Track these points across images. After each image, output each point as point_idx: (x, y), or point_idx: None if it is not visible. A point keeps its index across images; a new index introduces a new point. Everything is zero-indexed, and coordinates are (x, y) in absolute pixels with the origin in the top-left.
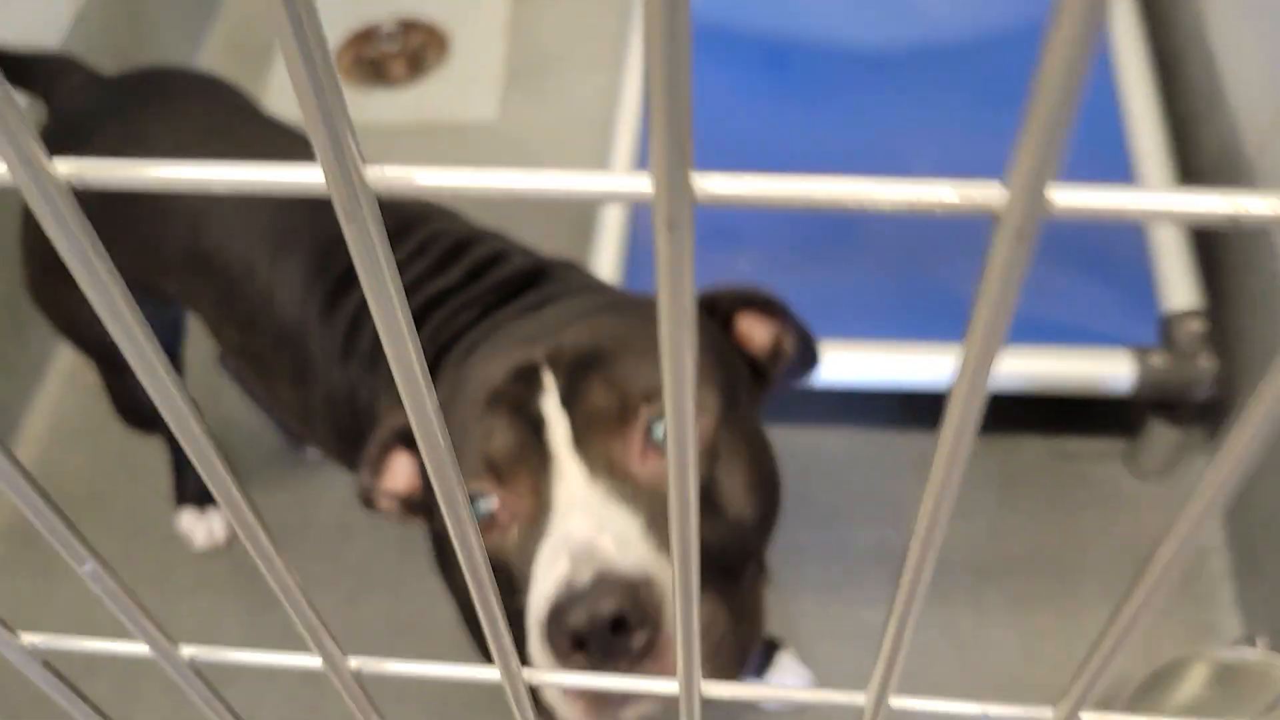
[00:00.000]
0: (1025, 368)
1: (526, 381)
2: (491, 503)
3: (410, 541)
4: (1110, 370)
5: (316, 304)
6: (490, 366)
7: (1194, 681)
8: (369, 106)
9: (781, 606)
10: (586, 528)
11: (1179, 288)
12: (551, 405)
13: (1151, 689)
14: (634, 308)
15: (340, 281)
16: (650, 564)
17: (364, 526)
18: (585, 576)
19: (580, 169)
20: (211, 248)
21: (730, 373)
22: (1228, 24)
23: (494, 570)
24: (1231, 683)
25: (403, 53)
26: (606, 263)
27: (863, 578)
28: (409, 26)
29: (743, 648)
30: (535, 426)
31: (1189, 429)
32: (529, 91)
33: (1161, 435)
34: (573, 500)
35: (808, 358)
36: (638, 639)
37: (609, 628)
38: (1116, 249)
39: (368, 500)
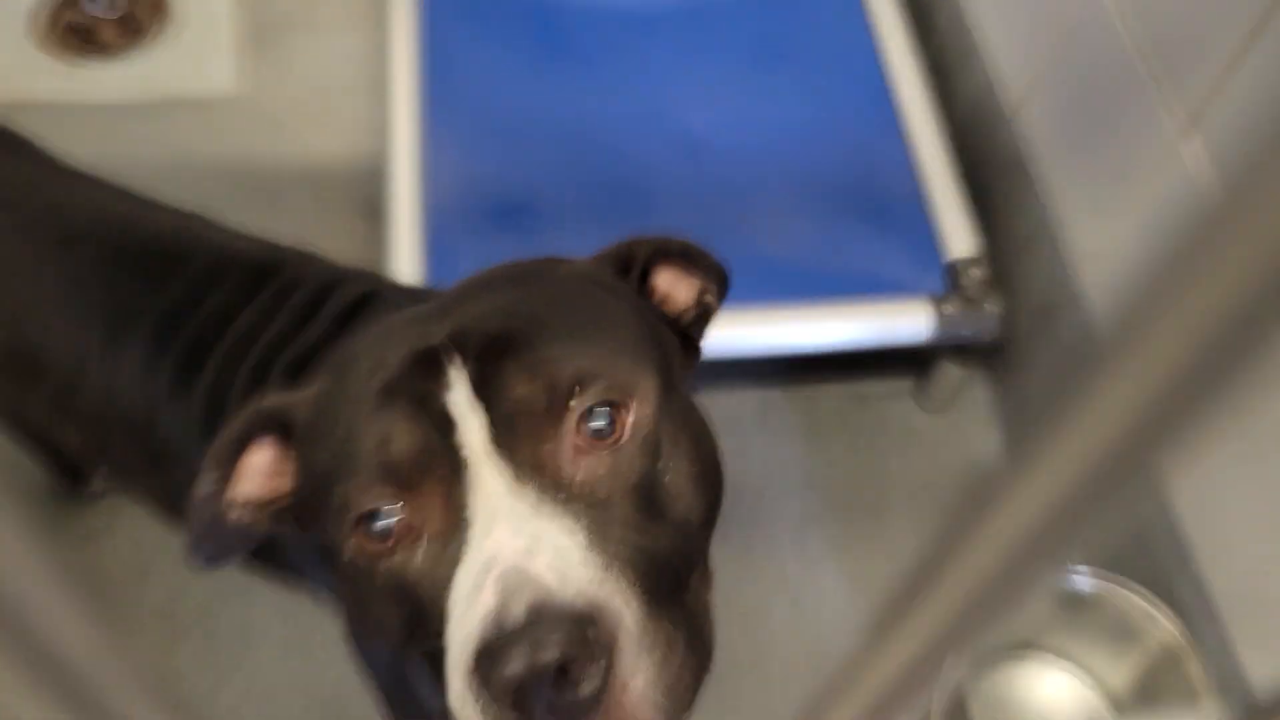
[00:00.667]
0: (829, 327)
1: (427, 370)
2: (393, 517)
3: (217, 578)
4: (908, 321)
5: (165, 383)
6: (382, 351)
7: (1039, 605)
8: (84, 80)
9: None
10: (515, 547)
11: (959, 236)
12: (461, 398)
13: None
14: (537, 278)
15: (189, 354)
16: (596, 590)
17: (163, 565)
18: (518, 611)
19: (343, 139)
20: (34, 345)
21: (663, 346)
22: None
23: (400, 603)
24: (1070, 606)
25: (113, 16)
26: (405, 259)
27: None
28: None
29: (701, 668)
30: (443, 424)
31: (972, 366)
32: (268, 57)
33: (948, 374)
34: (494, 512)
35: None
36: (586, 687)
37: (552, 677)
38: (896, 205)
39: (206, 535)
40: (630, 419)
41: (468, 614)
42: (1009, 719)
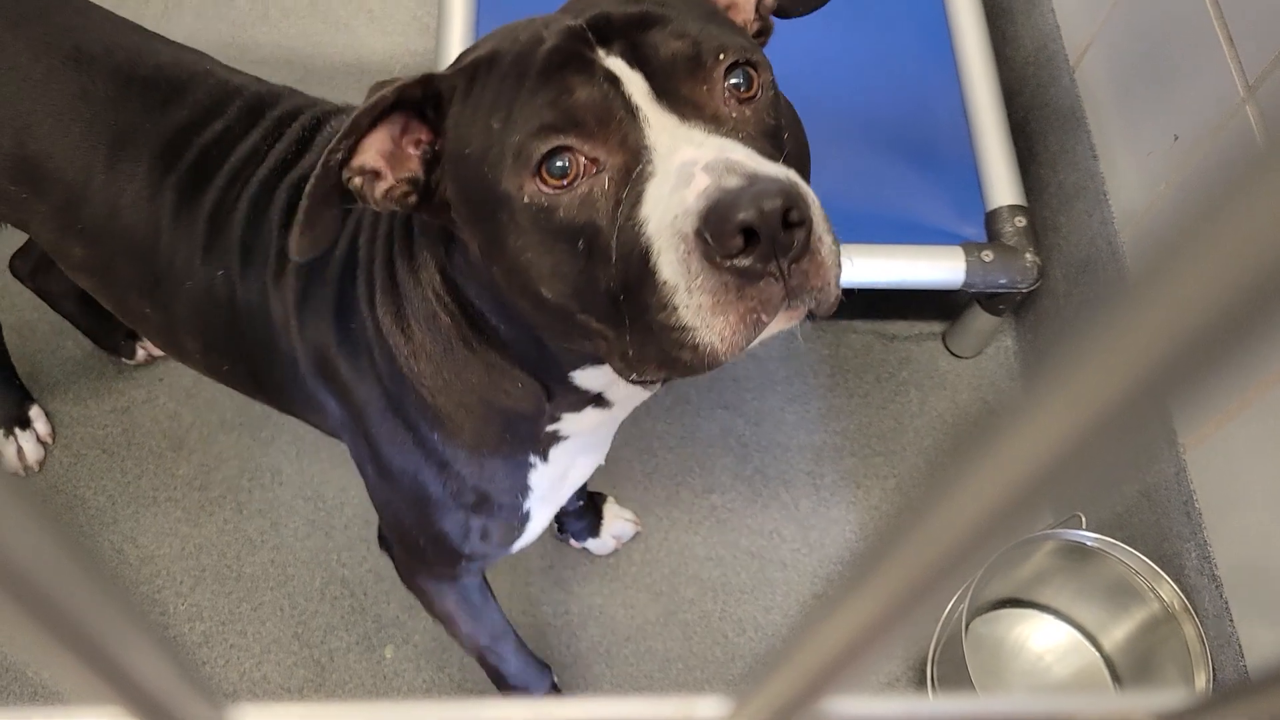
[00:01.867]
0: (866, 267)
1: (584, 41)
2: (573, 157)
3: (250, 449)
4: (945, 265)
5: (168, 205)
6: (531, 32)
7: (1042, 556)
8: None
9: (636, 495)
10: (708, 151)
11: (1003, 185)
12: (619, 62)
13: (1004, 563)
14: None
15: (192, 176)
16: (789, 173)
17: (197, 437)
18: (734, 181)
19: (396, 37)
20: (40, 154)
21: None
22: None
23: (583, 236)
24: (1070, 556)
25: None
26: None
27: (711, 464)
28: None
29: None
30: (609, 79)
31: (1005, 315)
32: None
33: (980, 321)
34: (674, 139)
35: None
36: (799, 235)
37: (778, 219)
38: (942, 147)
39: (318, 208)
40: (760, 79)
41: (676, 197)
42: (1003, 668)
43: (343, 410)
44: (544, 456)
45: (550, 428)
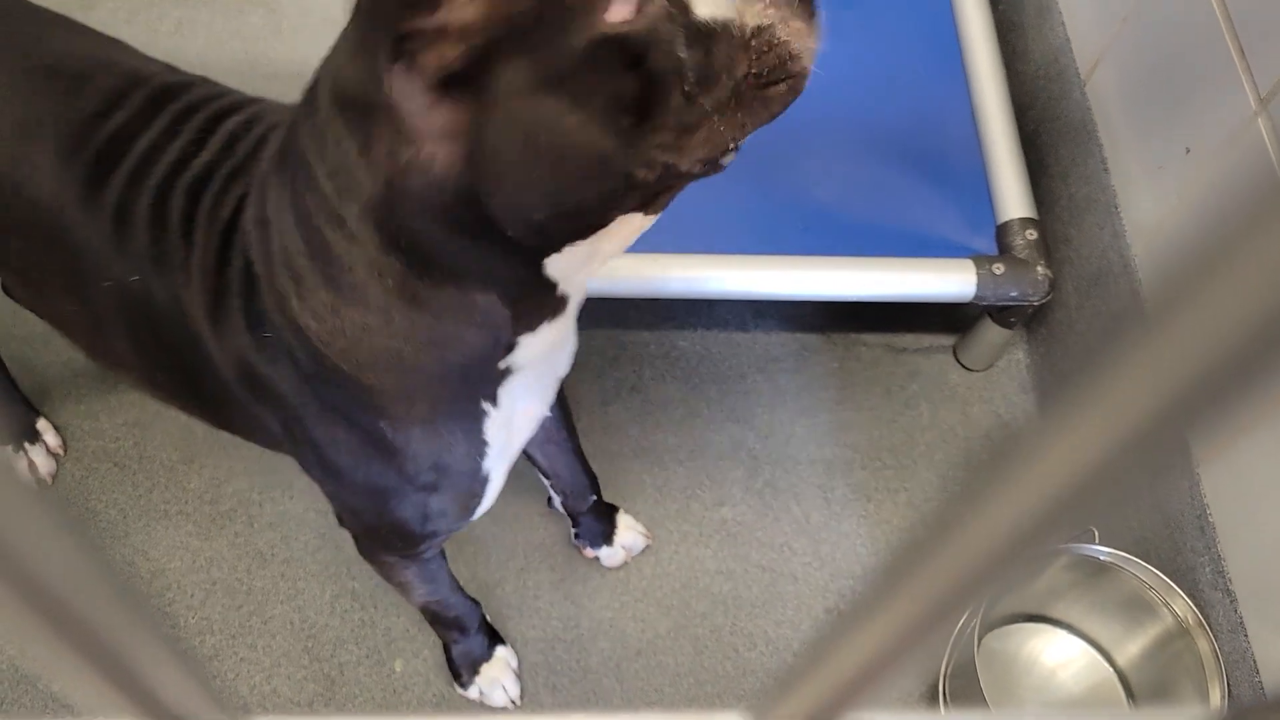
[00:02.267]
0: (876, 280)
1: None
2: None
3: (261, 462)
4: (955, 279)
5: (73, 195)
6: None
7: (1054, 570)
8: None
9: (646, 509)
10: None
11: (1014, 198)
12: None
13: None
14: None
15: (94, 169)
16: None
17: (209, 450)
18: None
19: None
20: None
21: None
22: None
23: (640, 61)
24: (1083, 570)
25: None
26: None
27: (721, 477)
28: None
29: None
30: None
31: (1015, 328)
32: None
33: (990, 334)
34: None
35: None
36: None
37: None
38: (952, 160)
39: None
40: None
41: None
42: (1016, 683)
43: (278, 422)
44: (494, 400)
45: (503, 363)
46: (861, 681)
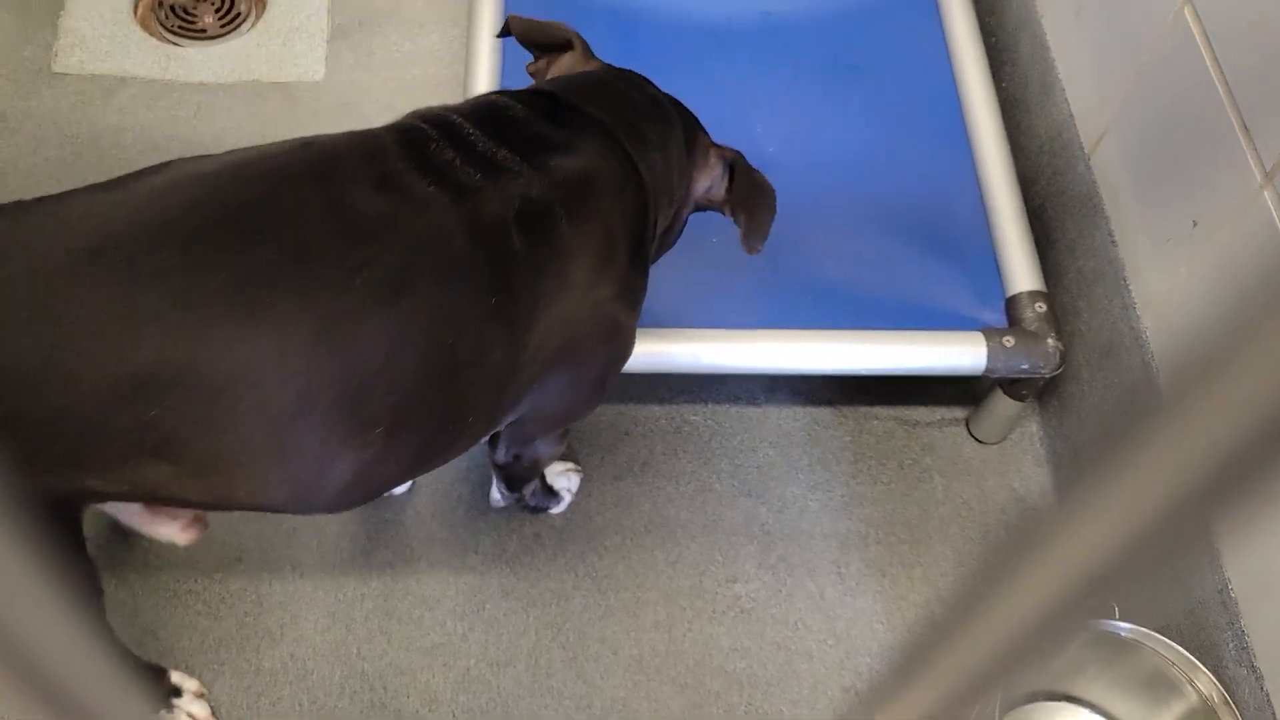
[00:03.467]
0: (887, 353)
1: None
2: None
3: (272, 541)
4: (966, 352)
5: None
6: None
7: (1075, 647)
8: (182, 61)
9: (659, 585)
10: None
11: (1022, 271)
12: None
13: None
14: None
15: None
16: None
17: (220, 528)
18: None
19: None
20: (159, 359)
21: None
22: (1057, 16)
23: None
24: (1104, 647)
25: (215, 2)
26: None
27: (734, 553)
28: None
29: None
30: None
31: (1028, 400)
32: (355, 47)
33: (1003, 406)
34: None
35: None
36: None
37: None
38: (960, 235)
39: None
40: None
41: None
42: None
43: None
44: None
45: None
46: None
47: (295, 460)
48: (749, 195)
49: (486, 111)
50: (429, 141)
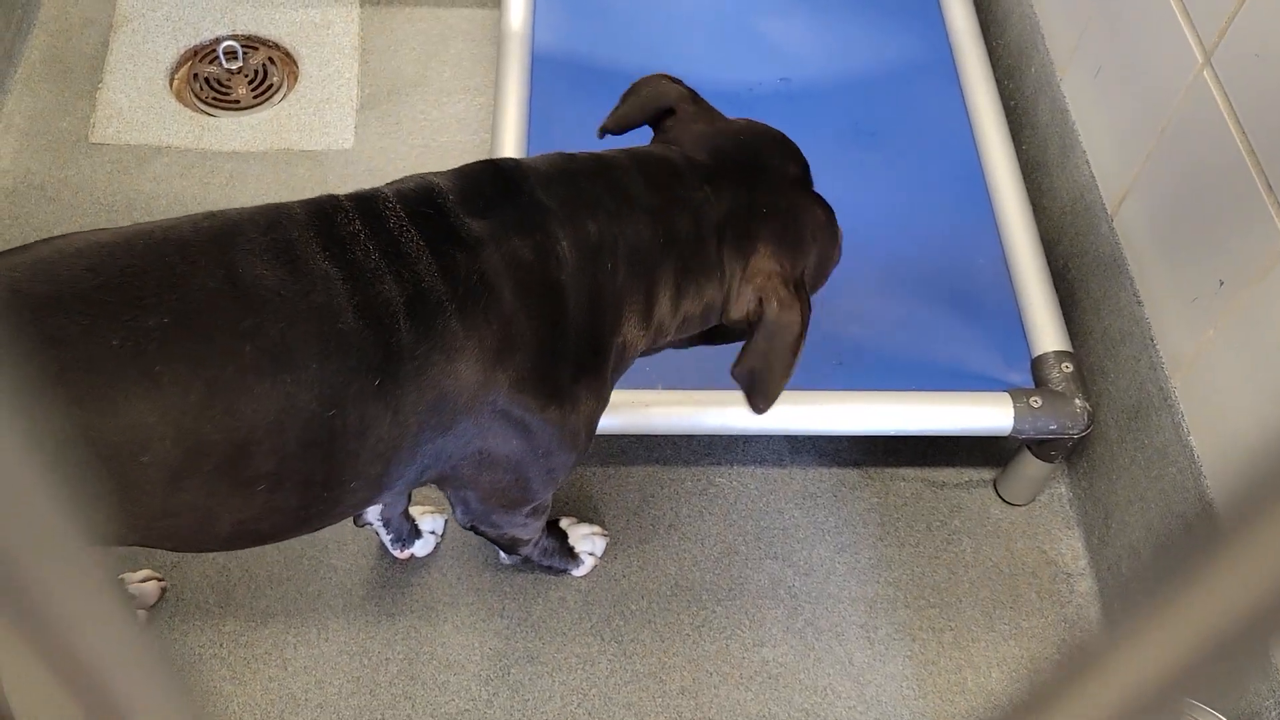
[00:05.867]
0: (914, 414)
1: None
2: None
3: (297, 603)
4: (993, 412)
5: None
6: None
7: None
8: (215, 130)
9: (684, 650)
10: None
11: (1048, 331)
12: None
13: None
14: None
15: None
16: None
17: (244, 591)
18: None
19: None
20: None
21: None
22: (1077, 79)
23: None
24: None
25: (244, 71)
26: None
27: (761, 617)
28: (251, 44)
29: None
30: None
31: (1056, 462)
32: (384, 116)
33: (1031, 467)
34: None
35: None
36: None
37: None
38: (985, 296)
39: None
40: None
41: None
42: None
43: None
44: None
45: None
46: None
47: (183, 514)
48: (764, 352)
49: (417, 194)
50: (337, 213)
